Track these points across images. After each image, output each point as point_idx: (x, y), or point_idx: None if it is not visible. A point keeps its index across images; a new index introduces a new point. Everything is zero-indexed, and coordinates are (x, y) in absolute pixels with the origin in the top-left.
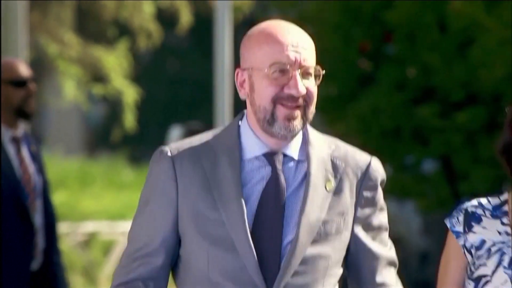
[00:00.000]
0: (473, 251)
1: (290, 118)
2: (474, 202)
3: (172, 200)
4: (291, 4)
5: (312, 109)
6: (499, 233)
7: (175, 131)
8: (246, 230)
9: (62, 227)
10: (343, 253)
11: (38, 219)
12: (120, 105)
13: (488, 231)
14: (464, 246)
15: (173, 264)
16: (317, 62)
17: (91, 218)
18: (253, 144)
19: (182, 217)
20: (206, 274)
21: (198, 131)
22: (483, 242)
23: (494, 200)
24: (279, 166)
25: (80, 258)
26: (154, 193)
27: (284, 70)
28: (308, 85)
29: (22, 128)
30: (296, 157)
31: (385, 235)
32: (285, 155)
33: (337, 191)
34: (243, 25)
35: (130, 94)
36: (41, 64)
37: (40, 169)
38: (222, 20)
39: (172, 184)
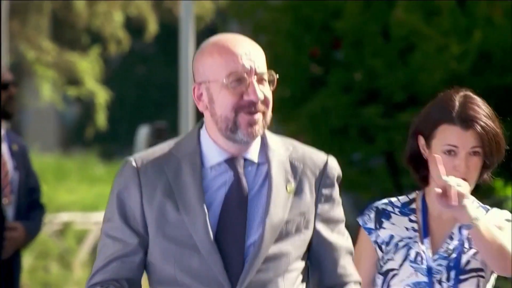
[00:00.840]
0: (383, 246)
1: (252, 124)
2: (385, 200)
3: (137, 206)
4: (247, 14)
5: (269, 113)
6: (407, 229)
7: (143, 130)
8: (208, 233)
9: None
10: (304, 249)
11: (10, 212)
12: (92, 105)
13: (396, 227)
14: (375, 242)
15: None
16: (271, 67)
17: (66, 209)
18: (213, 151)
19: (148, 223)
20: (173, 276)
21: (163, 130)
22: (391, 237)
23: (403, 199)
24: (240, 170)
25: (56, 245)
26: (121, 198)
27: (241, 78)
28: (264, 91)
29: (4, 127)
30: (256, 160)
31: (342, 226)
32: (245, 159)
33: (298, 191)
34: (205, 33)
35: (101, 95)
36: (20, 68)
37: (20, 167)
38: (186, 29)
39: (137, 191)
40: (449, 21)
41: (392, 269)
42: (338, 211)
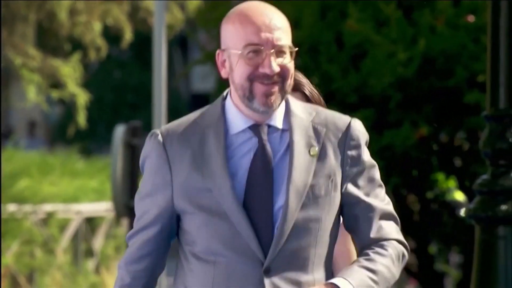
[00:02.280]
0: None
1: (268, 94)
2: None
3: (166, 181)
4: (213, 24)
5: (289, 83)
6: None
7: (120, 129)
8: (236, 200)
9: (26, 208)
10: (335, 214)
11: None
12: (73, 106)
13: None
14: None
15: (174, 240)
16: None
17: (50, 200)
18: (238, 118)
19: (178, 194)
20: (207, 244)
21: (138, 128)
22: None
23: None
24: (264, 136)
25: (41, 233)
26: (149, 174)
27: (257, 50)
28: (282, 63)
29: None
30: (280, 126)
31: (380, 190)
32: (269, 126)
33: (322, 155)
34: (176, 40)
35: (81, 97)
36: (8, 73)
37: None
38: (159, 36)
39: (165, 165)
40: (397, 30)
41: None
42: (371, 173)
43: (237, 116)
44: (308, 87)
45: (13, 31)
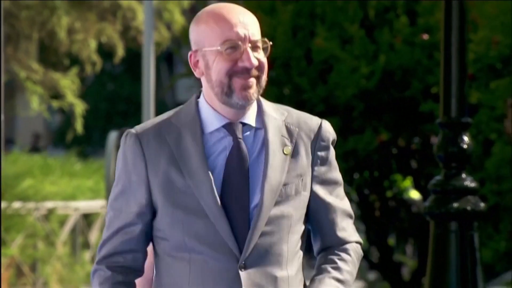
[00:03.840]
0: None
1: (246, 88)
2: None
3: (142, 176)
4: None
5: (264, 78)
6: None
7: (113, 134)
8: (215, 198)
9: (29, 205)
10: (304, 211)
11: None
12: (72, 115)
13: None
14: None
15: (151, 235)
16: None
17: (50, 198)
18: (212, 117)
19: (154, 191)
20: (182, 241)
21: None
22: None
23: None
24: (239, 135)
25: (43, 227)
26: (125, 172)
27: (235, 46)
28: (258, 57)
29: None
30: (253, 124)
31: (340, 189)
32: (243, 124)
33: (294, 154)
34: (162, 56)
35: (79, 106)
36: (14, 85)
37: None
38: (148, 53)
39: (141, 161)
40: (359, 47)
41: None
42: (335, 173)
43: (211, 115)
44: None
45: (18, 48)
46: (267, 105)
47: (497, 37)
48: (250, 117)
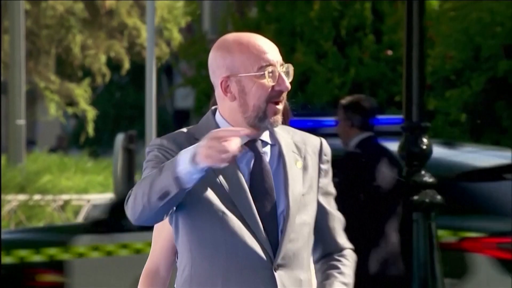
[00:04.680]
0: None
1: (277, 113)
2: None
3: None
4: (192, 56)
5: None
6: None
7: (120, 136)
8: (251, 205)
9: (48, 197)
10: (314, 219)
11: None
12: (84, 119)
13: None
14: None
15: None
16: (209, 95)
17: (66, 191)
18: None
19: (192, 197)
20: (222, 242)
21: (134, 136)
22: None
23: None
24: (261, 149)
25: (59, 216)
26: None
27: (273, 71)
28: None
29: None
30: (270, 142)
31: (333, 199)
32: (262, 141)
33: (305, 168)
34: (162, 69)
35: (90, 112)
36: (35, 94)
37: None
38: (150, 65)
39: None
40: (333, 61)
41: None
42: (332, 185)
43: None
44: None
45: (38, 62)
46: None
47: (450, 53)
48: (265, 135)
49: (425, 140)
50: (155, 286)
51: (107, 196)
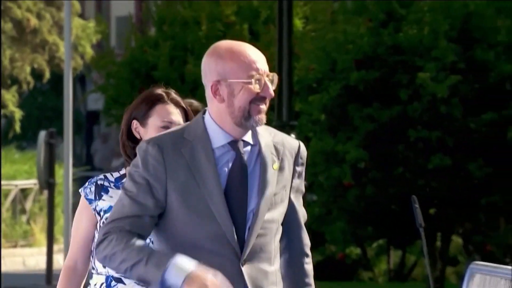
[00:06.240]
0: (102, 213)
1: (261, 112)
2: (101, 176)
3: (162, 180)
4: (102, 67)
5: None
6: None
7: (42, 133)
8: (224, 204)
9: None
10: (283, 216)
11: None
12: (13, 119)
13: (114, 199)
14: (95, 209)
15: (155, 230)
16: (117, 101)
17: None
18: (219, 135)
19: (170, 194)
20: (194, 239)
21: (54, 133)
22: (111, 207)
23: (116, 174)
24: (242, 150)
25: None
26: (146, 173)
27: (260, 79)
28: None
29: None
30: (252, 142)
31: (301, 196)
32: (243, 141)
33: (280, 169)
34: (77, 78)
35: (18, 113)
36: None
37: None
38: (67, 75)
39: (162, 167)
40: None
41: None
42: (303, 184)
43: (218, 133)
44: (185, 104)
45: None
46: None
47: (312, 66)
48: (248, 136)
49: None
50: (74, 281)
51: (32, 182)
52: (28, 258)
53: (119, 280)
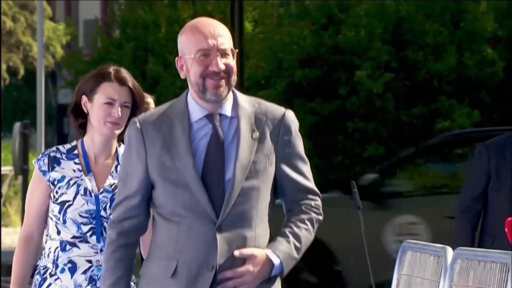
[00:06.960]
0: (55, 183)
1: (216, 87)
2: (54, 148)
3: (142, 158)
4: (72, 66)
5: (233, 78)
6: (74, 170)
7: (17, 124)
8: (196, 174)
9: None
10: (269, 185)
11: None
12: None
13: (66, 170)
14: (49, 180)
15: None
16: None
17: None
18: (196, 109)
19: (151, 169)
20: (172, 209)
21: (27, 124)
22: (63, 177)
23: (67, 146)
24: (217, 123)
25: None
26: (129, 153)
27: (207, 54)
28: (227, 62)
29: None
30: (229, 114)
31: (306, 168)
32: (220, 115)
33: (261, 138)
34: (49, 74)
35: None
36: None
37: None
38: (40, 72)
39: (142, 145)
40: (175, 70)
41: (68, 201)
42: (299, 154)
43: (195, 107)
44: (132, 82)
45: None
46: (242, 98)
47: (261, 64)
48: (227, 108)
49: None
50: (30, 250)
51: (7, 168)
52: (4, 237)
53: (73, 244)
